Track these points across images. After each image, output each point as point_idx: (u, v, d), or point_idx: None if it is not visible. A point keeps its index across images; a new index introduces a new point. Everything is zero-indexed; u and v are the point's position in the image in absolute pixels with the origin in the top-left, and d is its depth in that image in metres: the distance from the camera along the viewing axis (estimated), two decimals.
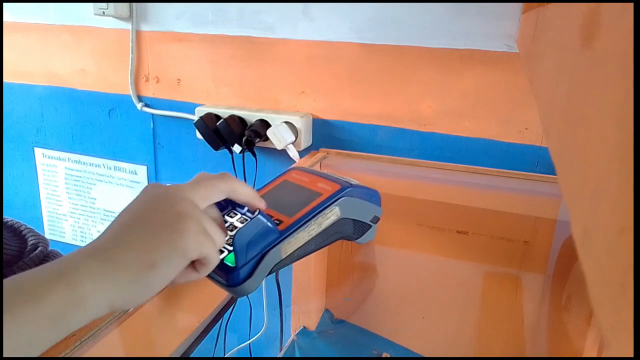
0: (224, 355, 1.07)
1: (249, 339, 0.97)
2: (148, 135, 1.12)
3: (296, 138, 0.93)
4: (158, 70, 1.07)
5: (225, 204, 0.45)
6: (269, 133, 0.92)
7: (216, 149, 0.99)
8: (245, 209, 0.45)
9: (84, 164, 1.21)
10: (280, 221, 0.44)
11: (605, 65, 0.19)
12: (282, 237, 0.42)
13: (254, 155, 0.99)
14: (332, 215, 0.46)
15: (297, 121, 0.93)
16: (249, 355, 1.08)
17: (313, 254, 0.46)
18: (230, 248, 0.40)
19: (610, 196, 0.15)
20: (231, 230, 0.43)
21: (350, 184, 0.48)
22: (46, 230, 1.31)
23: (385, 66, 0.90)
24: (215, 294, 0.51)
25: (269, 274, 0.43)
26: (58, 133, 1.21)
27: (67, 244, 1.30)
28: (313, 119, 0.97)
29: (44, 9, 1.13)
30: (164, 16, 1.03)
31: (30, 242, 0.54)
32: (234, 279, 0.40)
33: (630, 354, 0.12)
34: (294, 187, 0.50)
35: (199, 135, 0.99)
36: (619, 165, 0.15)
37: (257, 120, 0.96)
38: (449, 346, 0.85)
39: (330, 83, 0.94)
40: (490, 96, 0.85)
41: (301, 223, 0.44)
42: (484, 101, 0.85)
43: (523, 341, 0.80)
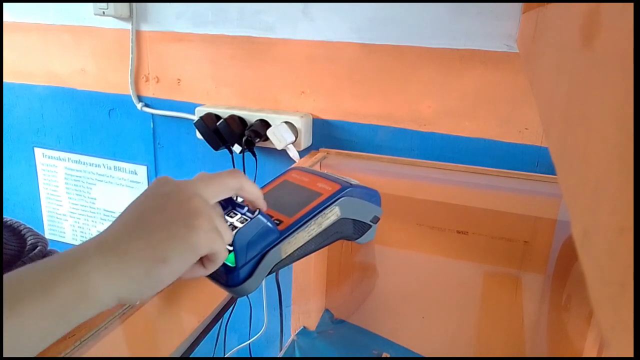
0: (224, 355, 1.07)
1: (249, 339, 0.97)
2: (148, 135, 1.12)
3: (296, 138, 0.93)
4: (158, 70, 1.07)
5: (225, 203, 0.45)
6: (269, 133, 0.92)
7: (216, 149, 0.99)
8: (245, 209, 0.45)
9: (84, 164, 1.21)
10: (280, 221, 0.44)
11: (605, 65, 0.19)
12: (282, 237, 0.42)
13: (254, 155, 0.99)
14: (332, 215, 0.46)
15: (297, 121, 0.93)
16: (249, 355, 1.08)
17: (313, 254, 0.47)
18: (230, 248, 0.40)
19: (610, 196, 0.15)
20: (231, 230, 0.43)
21: (350, 184, 0.48)
22: (46, 230, 1.31)
23: (385, 66, 0.90)
24: (215, 294, 0.51)
25: (269, 274, 0.43)
26: (58, 133, 1.21)
27: (67, 244, 1.30)
28: (313, 119, 0.97)
29: (44, 9, 1.13)
30: (164, 16, 1.03)
31: (30, 242, 0.54)
32: (234, 279, 0.40)
33: (630, 354, 0.12)
34: (294, 187, 0.50)
35: (199, 135, 0.99)
36: (619, 165, 0.15)
37: (257, 120, 0.96)
38: (449, 346, 0.85)
39: (330, 83, 0.94)
40: (490, 96, 0.85)
41: (301, 223, 0.44)
42: (484, 101, 0.85)
43: (523, 341, 0.80)
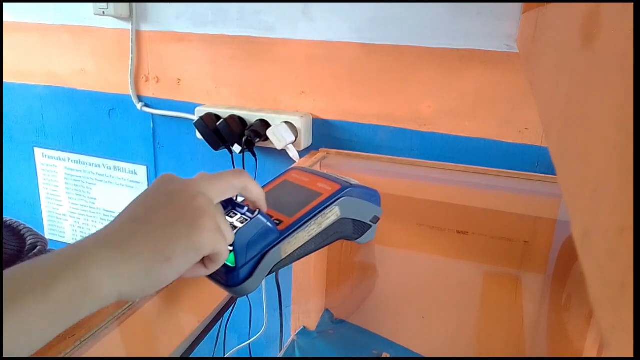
0: (224, 355, 1.07)
1: (249, 339, 0.97)
2: (148, 135, 1.12)
3: (296, 138, 0.93)
4: (158, 70, 1.07)
5: (225, 203, 0.45)
6: (269, 133, 0.92)
7: (216, 149, 0.99)
8: (245, 209, 0.45)
9: (84, 164, 1.21)
10: (280, 221, 0.44)
11: (605, 65, 0.19)
12: (282, 237, 0.42)
13: (254, 155, 0.99)
14: (332, 215, 0.46)
15: (297, 121, 0.93)
16: (249, 355, 1.08)
17: (313, 254, 0.46)
18: (230, 248, 0.40)
19: (610, 196, 0.15)
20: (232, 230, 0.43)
21: (350, 184, 0.48)
22: (46, 230, 1.31)
23: (385, 66, 0.90)
24: (215, 294, 0.51)
25: (269, 274, 0.43)
26: (58, 133, 1.21)
27: (67, 244, 1.29)
28: (313, 119, 0.97)
29: (44, 9, 1.13)
30: (164, 16, 1.03)
31: (29, 242, 0.54)
32: (234, 279, 0.40)
33: (630, 354, 0.12)
34: (294, 187, 0.50)
35: (199, 135, 0.99)
36: (619, 165, 0.15)
37: (257, 120, 0.96)
38: (449, 346, 0.85)
39: (330, 83, 0.94)
40: (490, 96, 0.85)
41: (301, 223, 0.44)
42: (484, 101, 0.85)
43: (523, 341, 0.80)
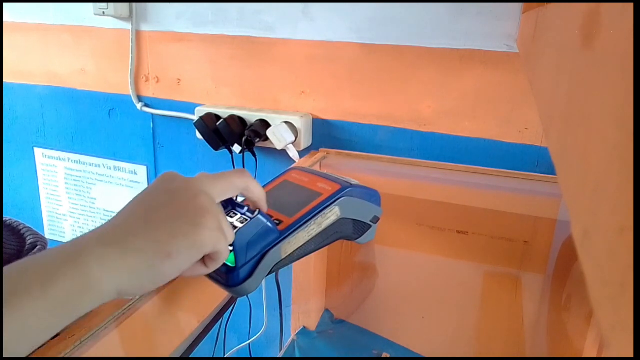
0: (224, 355, 1.07)
1: (249, 339, 0.97)
2: (148, 135, 1.12)
3: (296, 138, 0.93)
4: (158, 70, 1.07)
5: (225, 203, 0.45)
6: (269, 133, 0.92)
7: (216, 149, 0.99)
8: (245, 208, 0.45)
9: (84, 164, 1.21)
10: (280, 221, 0.44)
11: (605, 65, 0.19)
12: (282, 237, 0.42)
13: (254, 155, 0.99)
14: (332, 215, 0.46)
15: (297, 121, 0.93)
16: (249, 355, 1.08)
17: (313, 254, 0.46)
18: (230, 248, 0.40)
19: (610, 196, 0.15)
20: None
21: (350, 184, 0.48)
22: (46, 230, 1.31)
23: (385, 66, 0.90)
24: (215, 294, 0.51)
25: (269, 274, 0.43)
26: (58, 133, 1.21)
27: None
28: (313, 119, 0.97)
29: (44, 9, 1.13)
30: (164, 16, 1.03)
31: (29, 241, 0.54)
32: (234, 279, 0.40)
33: (630, 354, 0.12)
34: (294, 187, 0.50)
35: (199, 135, 0.99)
36: (619, 165, 0.15)
37: (257, 120, 0.96)
38: (449, 346, 0.85)
39: (330, 83, 0.94)
40: (490, 96, 0.85)
41: (301, 223, 0.44)
42: (484, 101, 0.85)
43: (523, 341, 0.80)
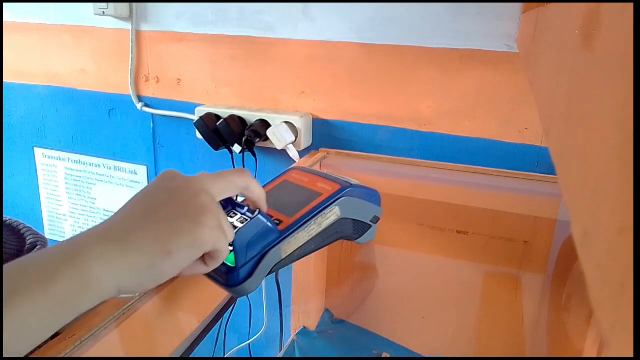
0: (224, 355, 1.07)
1: (249, 339, 0.97)
2: (148, 135, 1.12)
3: (296, 138, 0.93)
4: (158, 70, 1.07)
5: (225, 203, 0.45)
6: (269, 133, 0.92)
7: (216, 149, 0.99)
8: (245, 208, 0.45)
9: (84, 164, 1.21)
10: (280, 221, 0.44)
11: (605, 65, 0.19)
12: (282, 237, 0.42)
13: (254, 155, 0.99)
14: (332, 215, 0.46)
15: (297, 121, 0.93)
16: (249, 355, 1.08)
17: (313, 254, 0.46)
18: (230, 248, 0.40)
19: (610, 196, 0.15)
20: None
21: (350, 184, 0.48)
22: (46, 230, 1.31)
23: (385, 66, 0.90)
24: (215, 294, 0.51)
25: (269, 274, 0.43)
26: (58, 133, 1.21)
27: None
28: (313, 119, 0.97)
29: (44, 9, 1.13)
30: (164, 16, 1.03)
31: (29, 241, 0.54)
32: (234, 279, 0.40)
33: (630, 354, 0.12)
34: (294, 187, 0.50)
35: (199, 135, 0.99)
36: (619, 165, 0.15)
37: (257, 120, 0.96)
38: (449, 346, 0.85)
39: (330, 83, 0.94)
40: (490, 96, 0.85)
41: (301, 223, 0.44)
42: (484, 101, 0.85)
43: (523, 341, 0.80)
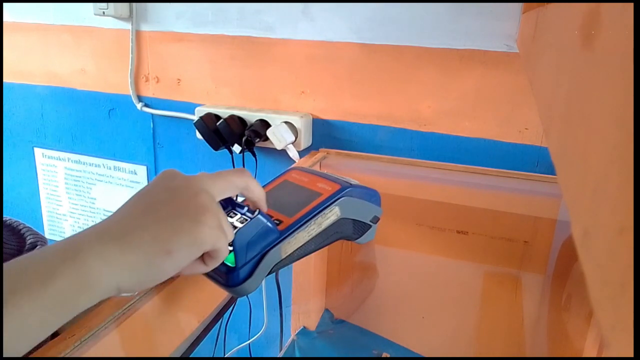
0: (224, 355, 1.07)
1: (249, 339, 0.97)
2: (148, 135, 1.12)
3: (296, 138, 0.93)
4: (158, 70, 1.07)
5: (225, 203, 0.45)
6: (269, 133, 0.92)
7: (216, 149, 0.99)
8: (245, 208, 0.45)
9: (84, 164, 1.21)
10: (280, 221, 0.44)
11: (605, 65, 0.19)
12: (282, 237, 0.42)
13: (254, 155, 0.99)
14: (332, 215, 0.46)
15: (297, 121, 0.93)
16: (249, 355, 1.08)
17: (313, 254, 0.46)
18: (230, 248, 0.40)
19: (610, 196, 0.15)
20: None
21: (350, 184, 0.48)
22: (46, 230, 1.31)
23: (385, 66, 0.90)
24: (215, 294, 0.51)
25: (269, 274, 0.43)
26: (58, 133, 1.21)
27: None
28: (313, 119, 0.97)
29: (44, 9, 1.13)
30: (164, 16, 1.03)
31: (29, 241, 0.54)
32: (234, 279, 0.40)
33: (630, 354, 0.12)
34: (294, 187, 0.50)
35: (199, 135, 0.99)
36: (619, 165, 0.15)
37: (257, 120, 0.96)
38: (449, 346, 0.85)
39: (330, 83, 0.94)
40: (490, 96, 0.85)
41: (301, 223, 0.44)
42: (484, 101, 0.85)
43: (523, 341, 0.80)
